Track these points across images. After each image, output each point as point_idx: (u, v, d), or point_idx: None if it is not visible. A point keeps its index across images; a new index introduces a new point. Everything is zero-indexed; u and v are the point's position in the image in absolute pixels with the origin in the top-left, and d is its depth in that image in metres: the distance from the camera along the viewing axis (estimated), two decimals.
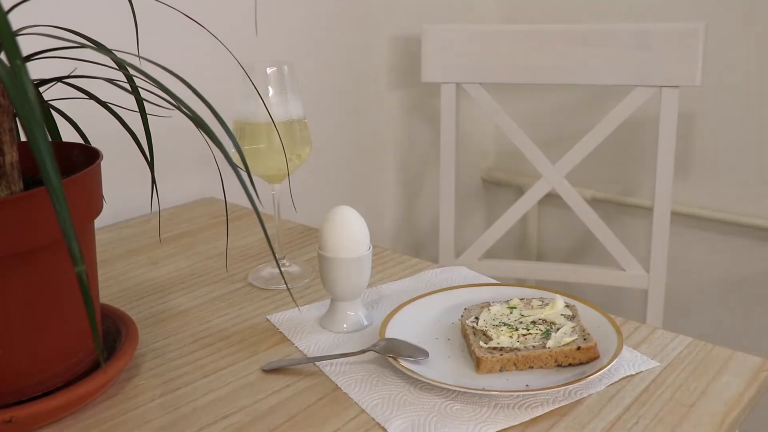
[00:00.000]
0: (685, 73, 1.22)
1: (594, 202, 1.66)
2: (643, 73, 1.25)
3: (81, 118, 0.72)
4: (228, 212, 0.93)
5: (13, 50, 0.40)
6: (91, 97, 0.68)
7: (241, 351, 0.71)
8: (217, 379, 0.66)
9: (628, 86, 1.27)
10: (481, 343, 0.66)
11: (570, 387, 0.61)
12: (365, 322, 0.75)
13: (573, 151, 1.33)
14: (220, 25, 0.85)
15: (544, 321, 0.69)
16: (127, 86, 0.66)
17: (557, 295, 0.73)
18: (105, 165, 0.64)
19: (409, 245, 1.73)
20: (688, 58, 1.21)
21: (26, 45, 0.50)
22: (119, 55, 0.58)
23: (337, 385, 0.65)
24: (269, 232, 0.69)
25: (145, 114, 0.67)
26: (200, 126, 0.54)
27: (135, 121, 0.68)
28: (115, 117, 0.69)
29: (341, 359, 0.68)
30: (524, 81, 1.33)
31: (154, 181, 0.70)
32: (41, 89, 0.66)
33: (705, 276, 1.60)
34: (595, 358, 0.65)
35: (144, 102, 0.66)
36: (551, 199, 1.49)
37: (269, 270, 0.89)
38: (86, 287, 0.40)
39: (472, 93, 1.35)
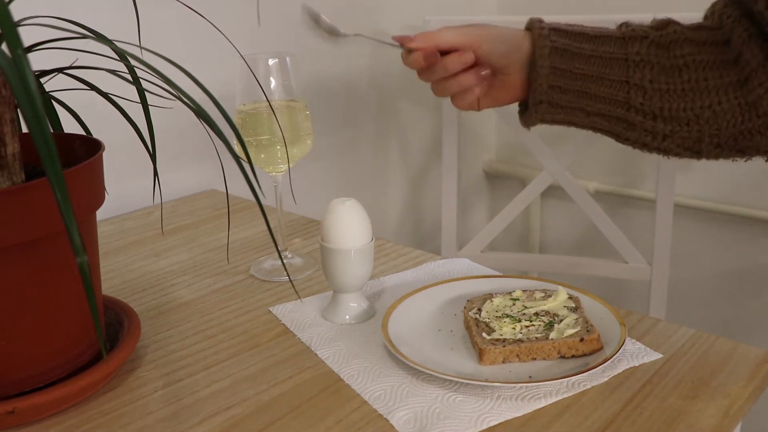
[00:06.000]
0: None
1: (597, 195, 1.66)
2: None
3: (83, 110, 0.72)
4: (230, 204, 0.93)
5: (14, 41, 0.40)
6: (93, 88, 0.68)
7: (243, 343, 0.71)
8: (219, 371, 0.66)
9: None
10: (484, 335, 0.66)
11: (573, 378, 0.61)
12: (368, 314, 0.75)
13: (576, 143, 1.33)
14: (222, 15, 0.85)
15: (547, 313, 0.69)
16: (129, 77, 0.65)
17: (560, 287, 0.73)
18: (107, 157, 0.64)
19: (412, 238, 1.73)
20: None
21: (27, 36, 0.49)
22: (121, 45, 0.58)
23: (339, 377, 0.64)
24: (271, 224, 0.68)
25: (147, 105, 0.67)
26: (202, 117, 0.53)
27: (137, 113, 0.68)
28: (117, 108, 0.68)
29: (344, 350, 0.68)
30: None
31: (156, 173, 0.70)
32: (42, 80, 0.66)
33: (708, 268, 1.59)
34: (598, 349, 0.65)
35: (146, 93, 0.66)
36: (554, 191, 1.48)
37: (271, 262, 0.89)
38: (88, 278, 0.40)
39: None
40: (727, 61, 0.65)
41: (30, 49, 0.61)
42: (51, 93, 0.68)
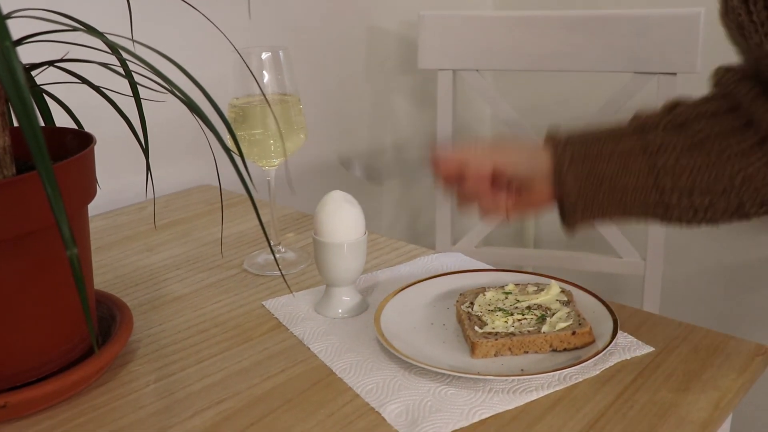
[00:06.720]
0: (684, 59, 1.21)
1: None
2: (641, 60, 1.24)
3: (74, 103, 0.72)
4: (223, 199, 0.93)
5: (2, 33, 0.40)
6: (84, 81, 0.68)
7: (236, 337, 0.71)
8: (211, 365, 0.66)
9: (626, 73, 1.27)
10: (476, 328, 0.66)
11: (565, 371, 0.61)
12: (360, 308, 0.75)
13: None
14: (214, 8, 0.85)
15: (539, 306, 0.69)
16: (121, 70, 0.65)
17: (552, 281, 0.73)
18: (99, 151, 0.64)
19: (407, 233, 1.73)
20: (687, 45, 1.20)
21: (17, 28, 0.49)
22: (112, 38, 0.58)
23: (332, 370, 0.65)
24: (264, 219, 0.68)
25: (139, 98, 0.67)
26: (194, 110, 0.53)
27: (130, 107, 0.68)
28: (109, 102, 0.68)
29: (336, 344, 0.68)
30: (521, 68, 1.32)
31: (149, 168, 0.70)
32: (33, 73, 0.66)
33: (702, 263, 1.60)
34: (590, 342, 0.65)
35: (138, 86, 0.66)
36: None
37: (264, 256, 0.89)
38: (78, 270, 0.40)
39: (469, 79, 1.35)
40: (742, 126, 0.66)
41: (20, 41, 0.60)
42: (42, 86, 0.68)
